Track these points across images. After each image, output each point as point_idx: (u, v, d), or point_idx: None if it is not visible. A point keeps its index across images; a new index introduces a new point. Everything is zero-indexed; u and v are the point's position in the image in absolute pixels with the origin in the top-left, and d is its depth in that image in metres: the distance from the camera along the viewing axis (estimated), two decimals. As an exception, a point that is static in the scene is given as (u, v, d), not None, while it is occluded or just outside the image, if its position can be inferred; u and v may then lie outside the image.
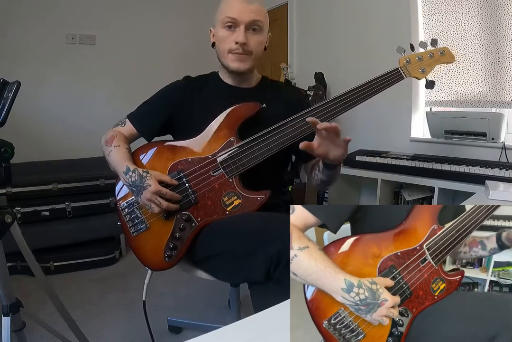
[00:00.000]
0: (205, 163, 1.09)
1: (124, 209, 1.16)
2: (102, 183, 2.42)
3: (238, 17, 1.09)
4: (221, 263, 1.03)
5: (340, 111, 1.05)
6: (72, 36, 2.83)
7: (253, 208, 1.05)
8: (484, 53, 1.89)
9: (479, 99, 1.95)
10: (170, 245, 1.09)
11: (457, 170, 1.74)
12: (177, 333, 1.63)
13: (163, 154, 1.14)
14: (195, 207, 1.08)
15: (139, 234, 1.13)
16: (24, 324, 1.11)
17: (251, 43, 1.11)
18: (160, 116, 1.22)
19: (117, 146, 1.16)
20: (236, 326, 0.53)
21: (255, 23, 1.10)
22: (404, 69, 1.09)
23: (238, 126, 1.10)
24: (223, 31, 1.12)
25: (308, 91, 2.59)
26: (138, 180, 1.06)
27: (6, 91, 0.95)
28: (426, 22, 2.11)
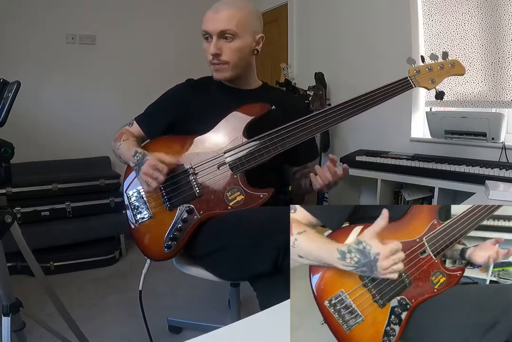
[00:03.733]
0: (212, 159, 1.12)
1: (130, 197, 1.19)
2: (102, 183, 2.43)
3: (209, 29, 1.11)
4: (226, 257, 1.03)
5: (347, 116, 1.09)
6: (72, 36, 2.83)
7: (256, 204, 1.07)
8: (484, 53, 1.89)
9: (479, 99, 1.95)
10: (171, 235, 1.11)
11: (457, 170, 1.74)
12: (177, 333, 1.63)
13: (172, 148, 1.18)
14: (198, 199, 1.11)
15: (142, 223, 1.17)
16: (24, 324, 1.12)
17: (226, 52, 1.13)
18: (165, 118, 1.25)
19: (126, 140, 1.22)
20: (236, 326, 0.53)
21: (225, 32, 1.11)
22: (414, 79, 1.12)
23: (247, 125, 1.12)
24: (204, 44, 1.16)
25: (308, 91, 2.59)
26: (141, 158, 1.10)
27: (6, 91, 0.95)
28: (426, 22, 2.11)
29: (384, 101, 1.10)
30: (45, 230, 2.25)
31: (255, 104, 1.14)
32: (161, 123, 1.26)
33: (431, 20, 2.09)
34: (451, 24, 2.00)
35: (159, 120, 1.27)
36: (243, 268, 0.98)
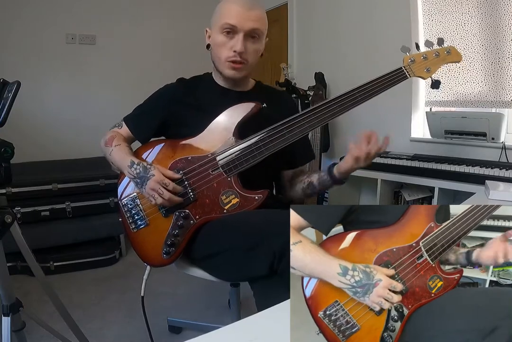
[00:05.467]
0: (204, 162, 1.09)
1: (125, 205, 1.17)
2: (102, 183, 2.42)
3: (238, 24, 1.06)
4: (223, 260, 1.03)
5: (341, 111, 1.05)
6: (72, 36, 2.83)
7: (251, 207, 1.05)
8: (484, 53, 1.89)
9: (479, 99, 1.95)
10: (168, 241, 1.10)
11: (457, 170, 1.74)
12: (177, 333, 1.63)
13: (164, 153, 1.15)
14: (193, 204, 1.09)
15: (139, 230, 1.15)
16: (24, 324, 1.11)
17: (249, 52, 1.10)
18: (154, 120, 1.21)
19: (118, 145, 1.18)
20: (236, 326, 0.53)
21: (254, 32, 1.08)
22: (408, 68, 1.07)
23: (238, 126, 1.09)
24: (221, 37, 1.10)
25: (308, 91, 2.59)
26: (143, 171, 1.08)
27: (6, 91, 0.94)
28: (426, 22, 2.11)
29: (379, 93, 1.05)
30: (45, 230, 2.25)
31: (245, 103, 1.10)
32: (150, 125, 1.22)
33: (431, 20, 2.09)
34: (451, 24, 2.00)
35: (148, 121, 1.22)
36: (241, 270, 0.98)
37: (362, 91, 1.04)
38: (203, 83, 1.23)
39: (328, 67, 2.67)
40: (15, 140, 1.00)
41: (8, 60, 2.60)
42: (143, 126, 1.23)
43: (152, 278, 1.27)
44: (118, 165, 1.17)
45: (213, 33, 1.13)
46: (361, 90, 1.04)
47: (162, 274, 2.02)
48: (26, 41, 2.67)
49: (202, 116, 1.13)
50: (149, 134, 1.24)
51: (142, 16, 3.07)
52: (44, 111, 2.77)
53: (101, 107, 2.93)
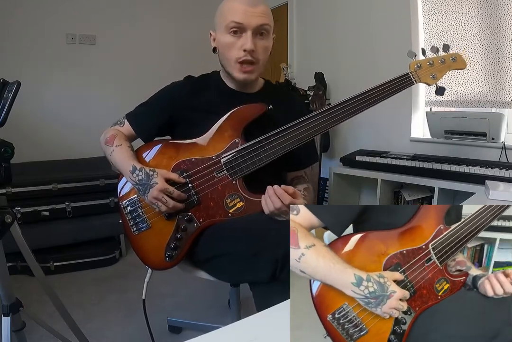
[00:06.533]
0: (209, 164, 1.07)
1: (126, 207, 1.14)
2: (102, 183, 2.42)
3: (245, 22, 1.03)
4: (225, 264, 1.02)
5: (347, 116, 1.03)
6: (72, 36, 2.83)
7: (256, 211, 1.02)
8: (484, 53, 1.89)
9: (479, 99, 1.95)
10: (171, 245, 1.08)
11: (457, 170, 1.74)
12: (177, 333, 1.63)
13: (167, 153, 1.13)
14: (197, 207, 1.07)
15: (140, 233, 1.13)
16: (24, 324, 1.11)
17: (259, 50, 1.07)
18: (158, 118, 1.18)
19: (119, 146, 1.15)
20: (236, 326, 0.53)
21: (262, 28, 1.05)
22: (415, 74, 1.07)
23: (244, 128, 1.07)
24: (228, 37, 1.06)
25: (308, 91, 2.59)
26: (145, 178, 1.05)
27: (6, 91, 0.94)
28: (426, 22, 2.11)
29: (385, 99, 1.05)
30: (45, 230, 2.25)
31: (251, 105, 1.08)
32: (154, 123, 1.19)
33: (431, 20, 2.09)
34: (451, 24, 2.00)
35: (152, 120, 1.19)
36: (243, 274, 0.97)
37: (369, 97, 1.04)
38: (212, 82, 1.19)
39: (328, 67, 2.67)
40: (15, 140, 1.00)
41: (8, 60, 2.60)
42: (146, 125, 1.20)
43: (152, 278, 1.27)
44: (119, 168, 1.14)
45: (218, 35, 1.10)
46: (368, 96, 1.04)
47: (162, 274, 2.01)
48: (26, 41, 2.66)
49: (209, 118, 1.10)
50: (152, 133, 1.21)
51: (142, 16, 3.07)
52: (44, 111, 2.77)
53: (101, 107, 2.92)
